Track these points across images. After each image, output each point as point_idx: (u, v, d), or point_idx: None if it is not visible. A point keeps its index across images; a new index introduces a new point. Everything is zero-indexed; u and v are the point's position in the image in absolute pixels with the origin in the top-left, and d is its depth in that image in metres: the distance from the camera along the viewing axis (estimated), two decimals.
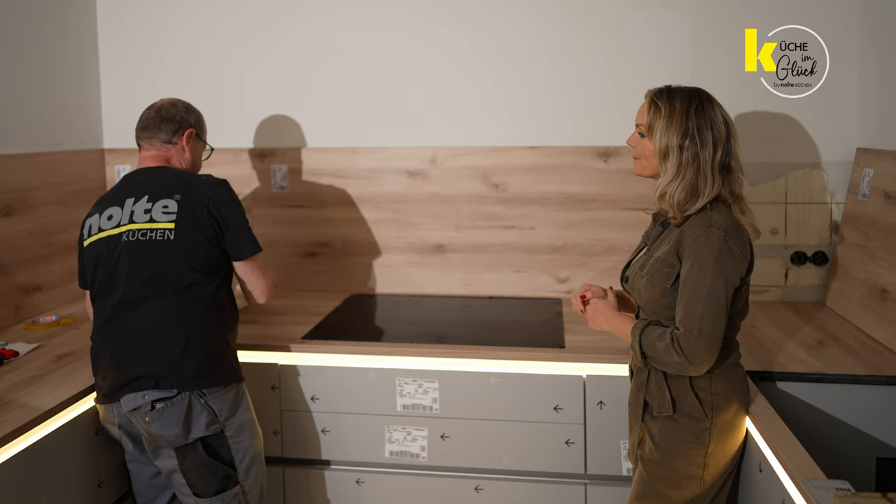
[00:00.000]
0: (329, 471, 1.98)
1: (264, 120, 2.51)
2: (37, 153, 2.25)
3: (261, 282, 1.75)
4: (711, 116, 1.39)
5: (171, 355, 1.58)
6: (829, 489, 1.05)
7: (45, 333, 2.03)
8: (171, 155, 1.78)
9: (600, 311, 1.51)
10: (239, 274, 1.74)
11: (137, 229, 1.64)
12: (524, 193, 2.41)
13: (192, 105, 1.84)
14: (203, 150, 1.87)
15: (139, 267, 1.62)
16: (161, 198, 1.66)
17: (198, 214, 1.65)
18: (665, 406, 1.42)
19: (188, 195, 1.67)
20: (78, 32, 2.46)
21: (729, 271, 1.34)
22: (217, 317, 1.66)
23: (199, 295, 1.64)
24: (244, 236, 1.70)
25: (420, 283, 2.48)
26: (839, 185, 2.24)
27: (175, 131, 1.77)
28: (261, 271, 1.75)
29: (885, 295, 1.85)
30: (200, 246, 1.64)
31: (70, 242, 2.37)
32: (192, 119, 1.80)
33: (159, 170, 1.74)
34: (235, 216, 1.69)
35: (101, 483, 1.66)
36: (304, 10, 2.46)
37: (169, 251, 1.62)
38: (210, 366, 1.61)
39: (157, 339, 1.59)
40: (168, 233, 1.63)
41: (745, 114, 2.26)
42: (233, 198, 1.72)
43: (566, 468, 1.86)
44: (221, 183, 1.73)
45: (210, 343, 1.63)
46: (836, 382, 1.63)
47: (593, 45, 2.33)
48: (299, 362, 1.95)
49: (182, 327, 1.60)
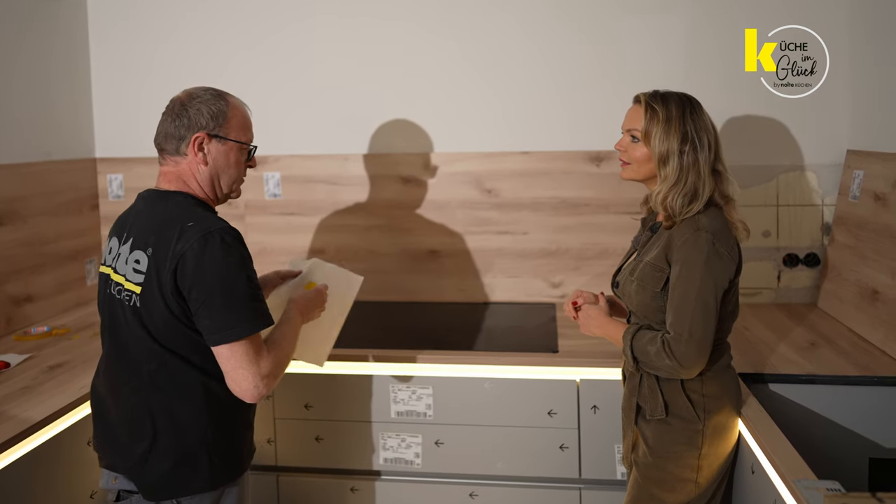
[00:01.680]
0: (323, 478, 1.97)
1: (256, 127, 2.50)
2: (27, 163, 2.24)
3: (239, 375, 1.26)
4: (704, 120, 1.40)
5: (135, 453, 1.31)
6: (820, 490, 1.05)
7: (36, 344, 2.02)
8: (184, 171, 1.38)
9: (592, 317, 1.51)
10: (216, 358, 1.29)
11: (116, 283, 1.34)
12: (517, 198, 2.42)
13: (219, 93, 1.40)
14: (234, 153, 1.41)
15: (115, 330, 1.35)
16: (138, 247, 1.32)
17: (163, 279, 1.27)
18: (658, 409, 1.42)
19: (160, 249, 1.28)
20: (68, 41, 2.47)
21: (717, 274, 1.34)
22: (200, 410, 1.31)
23: (176, 378, 1.30)
24: (218, 316, 1.25)
25: (414, 290, 2.48)
26: (830, 187, 2.25)
27: (181, 138, 1.36)
28: (240, 361, 1.26)
29: (876, 296, 1.86)
30: (168, 322, 1.28)
31: (61, 253, 2.37)
32: (204, 117, 1.36)
33: (164, 196, 1.37)
34: (209, 287, 1.25)
35: (92, 494, 1.65)
36: (297, 17, 2.46)
37: (136, 322, 1.30)
38: (180, 474, 1.31)
39: (124, 425, 1.33)
40: (135, 298, 1.30)
41: (738, 118, 2.27)
42: (215, 259, 1.25)
43: (560, 473, 1.86)
44: (209, 235, 1.26)
45: (184, 443, 1.31)
46: (828, 384, 1.64)
47: (586, 50, 2.35)
48: (293, 370, 1.94)
49: (150, 421, 1.30)
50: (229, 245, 1.28)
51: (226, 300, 1.25)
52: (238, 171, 1.43)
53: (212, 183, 1.40)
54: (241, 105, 1.44)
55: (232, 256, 1.27)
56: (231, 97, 1.42)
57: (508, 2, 2.37)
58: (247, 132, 1.44)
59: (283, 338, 1.38)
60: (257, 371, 1.27)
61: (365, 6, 2.43)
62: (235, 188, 1.45)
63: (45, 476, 1.52)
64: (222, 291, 1.25)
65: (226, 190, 1.43)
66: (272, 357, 1.31)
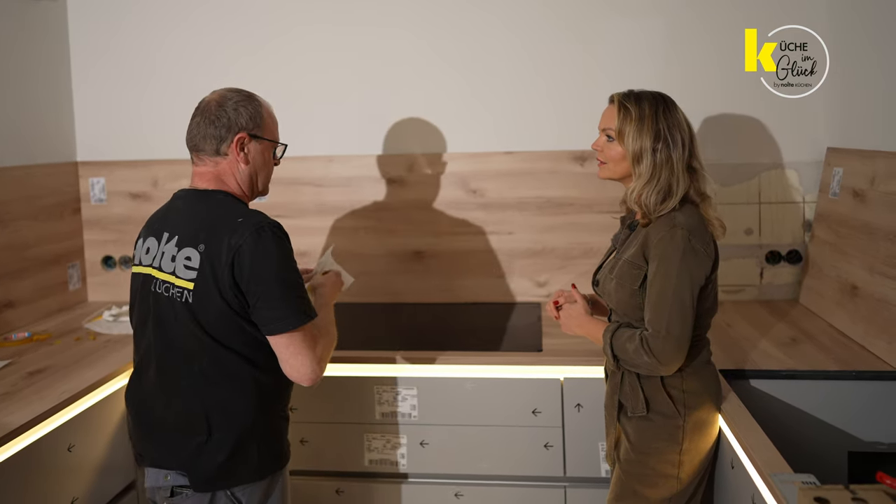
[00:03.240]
0: (309, 480, 1.96)
1: None
2: (8, 167, 2.22)
3: (298, 361, 1.33)
4: (677, 118, 1.42)
5: (190, 446, 1.35)
6: (795, 483, 1.06)
7: (16, 350, 2.00)
8: (223, 170, 1.42)
9: (573, 317, 1.52)
10: (273, 347, 1.36)
11: (163, 281, 1.37)
12: (502, 199, 2.42)
13: (250, 95, 1.45)
14: (269, 152, 1.47)
15: (163, 327, 1.37)
16: (187, 244, 1.35)
17: (219, 274, 1.31)
18: (639, 406, 1.43)
19: (213, 245, 1.32)
20: (49, 43, 2.45)
21: (694, 270, 1.36)
22: (250, 402, 1.36)
23: (228, 372, 1.34)
24: (277, 306, 1.31)
25: (399, 291, 2.47)
26: (811, 184, 2.27)
27: (222, 139, 1.40)
28: (299, 348, 1.33)
29: (855, 291, 1.88)
30: (223, 315, 1.32)
31: (43, 257, 2.35)
32: (243, 118, 1.41)
33: (204, 195, 1.41)
34: (266, 279, 1.31)
35: (74, 500, 1.64)
36: (281, 21, 2.46)
37: (188, 318, 1.33)
38: (235, 463, 1.36)
39: (177, 421, 1.37)
40: (187, 294, 1.33)
41: (719, 116, 2.29)
42: (269, 252, 1.31)
43: (545, 471, 1.86)
44: (261, 229, 1.32)
45: (237, 435, 1.35)
46: (808, 379, 1.65)
47: (571, 50, 2.35)
48: None
49: (204, 414, 1.35)
50: (280, 238, 1.35)
51: (283, 291, 1.32)
52: (270, 169, 1.50)
53: (251, 181, 1.45)
54: (269, 105, 1.50)
55: (284, 249, 1.35)
56: (260, 98, 1.48)
57: (491, 1, 2.37)
58: (276, 131, 1.51)
59: (327, 321, 1.46)
60: (314, 356, 1.35)
61: (347, 10, 2.42)
62: (266, 185, 1.51)
63: (24, 482, 1.50)
64: (279, 283, 1.32)
65: (261, 187, 1.49)
66: (323, 341, 1.39)
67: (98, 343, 2.05)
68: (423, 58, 2.42)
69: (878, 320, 1.73)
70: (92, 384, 1.72)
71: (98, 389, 1.75)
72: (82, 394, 1.69)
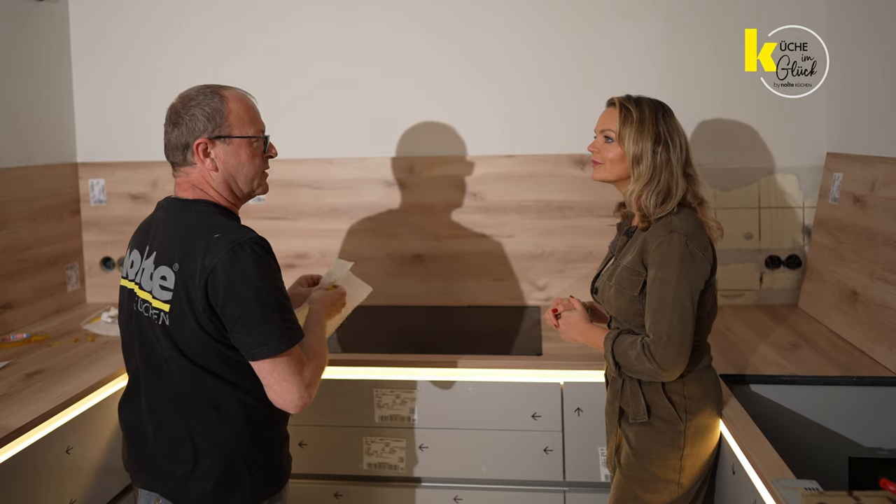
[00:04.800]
0: (307, 484, 1.95)
1: None
2: (7, 168, 2.22)
3: (283, 388, 1.22)
4: (675, 123, 1.43)
5: (177, 473, 1.28)
6: (798, 489, 1.06)
7: (14, 351, 1.99)
8: (197, 179, 1.31)
9: (572, 324, 1.52)
10: (256, 373, 1.25)
11: (143, 300, 1.29)
12: (502, 202, 2.42)
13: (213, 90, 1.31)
14: (244, 149, 1.31)
15: (147, 348, 1.29)
16: (163, 262, 1.25)
17: (193, 296, 1.21)
18: (640, 412, 1.43)
19: (186, 265, 1.22)
20: (50, 43, 2.44)
21: (692, 275, 1.36)
22: (237, 427, 1.27)
23: (211, 397, 1.25)
24: (257, 331, 1.19)
25: (399, 294, 2.47)
26: (811, 189, 2.28)
27: (186, 147, 1.29)
28: (283, 374, 1.22)
29: (855, 296, 1.88)
30: (200, 340, 1.22)
31: (41, 258, 2.34)
32: (199, 121, 1.28)
33: (185, 206, 1.30)
34: (244, 301, 1.19)
35: (72, 502, 1.63)
36: (279, 21, 2.46)
37: (167, 341, 1.25)
38: (225, 491, 1.28)
39: (163, 447, 1.29)
40: (164, 316, 1.24)
41: (719, 120, 2.29)
42: (246, 271, 1.19)
43: (545, 476, 1.86)
44: (238, 247, 1.20)
45: (225, 462, 1.27)
46: (808, 384, 1.65)
47: (572, 53, 2.36)
48: None
49: (190, 441, 1.26)
50: (260, 256, 1.22)
51: (263, 314, 1.20)
52: (255, 167, 1.32)
53: (228, 187, 1.32)
54: (240, 96, 1.33)
55: (264, 268, 1.21)
56: (227, 90, 1.32)
57: (494, 4, 2.38)
58: (252, 124, 1.33)
59: (317, 342, 1.34)
60: (301, 381, 1.23)
61: (346, 9, 2.43)
62: (258, 185, 1.35)
63: (22, 484, 1.49)
64: (258, 305, 1.19)
65: (246, 190, 1.34)
66: (312, 364, 1.27)
67: (96, 345, 2.04)
68: (424, 61, 2.42)
69: (878, 325, 1.74)
70: (90, 386, 1.72)
71: (96, 391, 1.75)
72: (80, 396, 1.68)
